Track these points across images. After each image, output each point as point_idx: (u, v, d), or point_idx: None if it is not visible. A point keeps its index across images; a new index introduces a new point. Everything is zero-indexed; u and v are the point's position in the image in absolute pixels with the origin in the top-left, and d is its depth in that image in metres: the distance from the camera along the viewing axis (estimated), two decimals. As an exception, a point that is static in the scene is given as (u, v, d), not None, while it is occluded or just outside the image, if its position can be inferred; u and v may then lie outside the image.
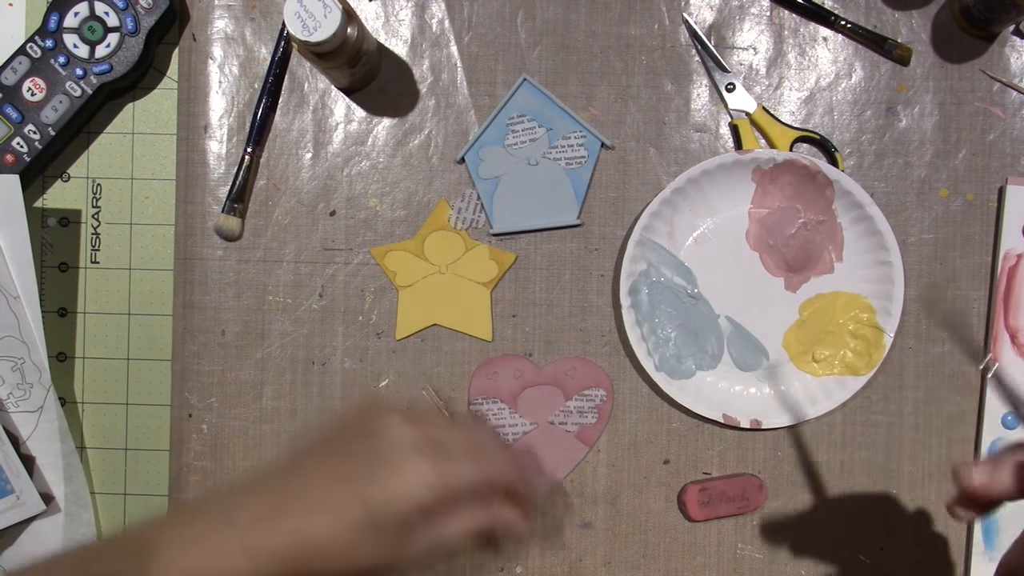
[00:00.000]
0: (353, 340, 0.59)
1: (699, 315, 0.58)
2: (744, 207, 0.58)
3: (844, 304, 0.58)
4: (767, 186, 0.57)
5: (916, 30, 0.58)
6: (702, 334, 0.58)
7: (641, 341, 0.57)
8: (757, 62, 0.58)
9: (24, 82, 0.56)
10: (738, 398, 0.58)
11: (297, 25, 0.48)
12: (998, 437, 0.58)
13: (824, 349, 0.58)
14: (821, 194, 0.57)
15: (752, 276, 0.58)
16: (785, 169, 0.56)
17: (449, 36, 0.59)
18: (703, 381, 0.58)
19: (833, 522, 0.59)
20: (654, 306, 0.57)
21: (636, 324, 0.57)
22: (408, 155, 0.59)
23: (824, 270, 0.58)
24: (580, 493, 0.59)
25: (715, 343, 0.58)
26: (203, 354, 0.59)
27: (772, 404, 0.57)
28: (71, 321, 0.59)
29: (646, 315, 0.57)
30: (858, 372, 0.57)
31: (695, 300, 0.58)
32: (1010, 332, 0.58)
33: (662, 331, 0.58)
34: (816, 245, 0.58)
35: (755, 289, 0.58)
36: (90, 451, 0.59)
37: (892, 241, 0.56)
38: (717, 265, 0.58)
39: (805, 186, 0.57)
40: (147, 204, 0.59)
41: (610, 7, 0.58)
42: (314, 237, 0.59)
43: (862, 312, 0.57)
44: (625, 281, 0.56)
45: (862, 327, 0.57)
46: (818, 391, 0.57)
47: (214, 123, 0.58)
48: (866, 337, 0.57)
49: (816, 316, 0.58)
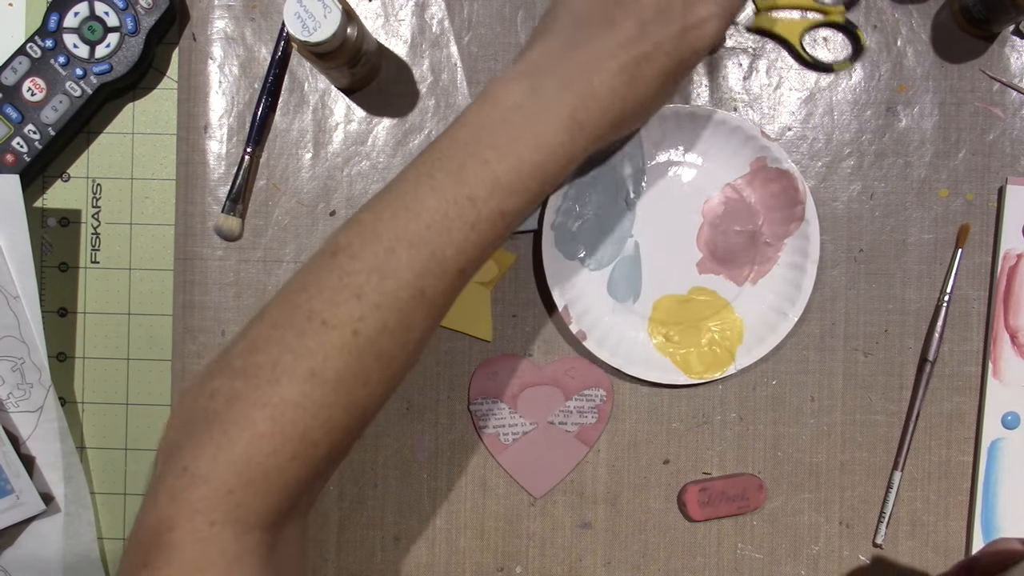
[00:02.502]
0: (353, 340, 0.59)
1: (617, 221, 0.58)
2: (728, 179, 0.58)
3: (725, 316, 0.58)
4: (757, 177, 0.57)
5: (916, 30, 0.58)
6: (605, 237, 0.58)
7: (560, 197, 0.56)
8: (757, 62, 0.58)
9: (24, 82, 0.56)
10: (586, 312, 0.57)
11: (297, 25, 0.48)
12: (998, 437, 0.58)
13: (678, 335, 0.58)
14: (788, 223, 0.57)
15: (682, 235, 0.58)
16: (782, 177, 0.56)
17: (449, 36, 0.59)
18: (576, 272, 0.57)
19: (833, 522, 0.59)
20: (594, 180, 0.57)
21: (569, 184, 0.56)
22: (408, 155, 0.59)
23: (735, 279, 0.58)
24: (580, 493, 0.59)
25: (609, 253, 0.58)
26: (203, 354, 0.59)
27: (603, 333, 0.57)
28: (71, 321, 0.59)
29: (581, 184, 0.57)
30: (688, 372, 0.57)
31: (626, 207, 0.58)
32: (1010, 332, 0.58)
33: (581, 206, 0.57)
34: (745, 256, 0.58)
35: (675, 246, 0.58)
36: (90, 451, 0.59)
37: (801, 304, 0.56)
38: (667, 202, 0.58)
39: (784, 205, 0.57)
40: (147, 204, 0.59)
41: (610, 7, 0.58)
42: (314, 237, 0.59)
43: (733, 333, 0.58)
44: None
45: (721, 344, 0.57)
46: (643, 357, 0.57)
47: (214, 123, 0.59)
48: (716, 354, 0.57)
49: (697, 305, 0.58)
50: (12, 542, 0.58)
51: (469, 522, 0.59)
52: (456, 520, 0.59)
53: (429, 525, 0.59)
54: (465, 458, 0.59)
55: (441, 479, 0.59)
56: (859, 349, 0.59)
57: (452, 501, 0.59)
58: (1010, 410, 0.58)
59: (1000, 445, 0.58)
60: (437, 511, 0.59)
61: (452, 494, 0.59)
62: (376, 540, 0.59)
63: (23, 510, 0.56)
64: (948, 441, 0.59)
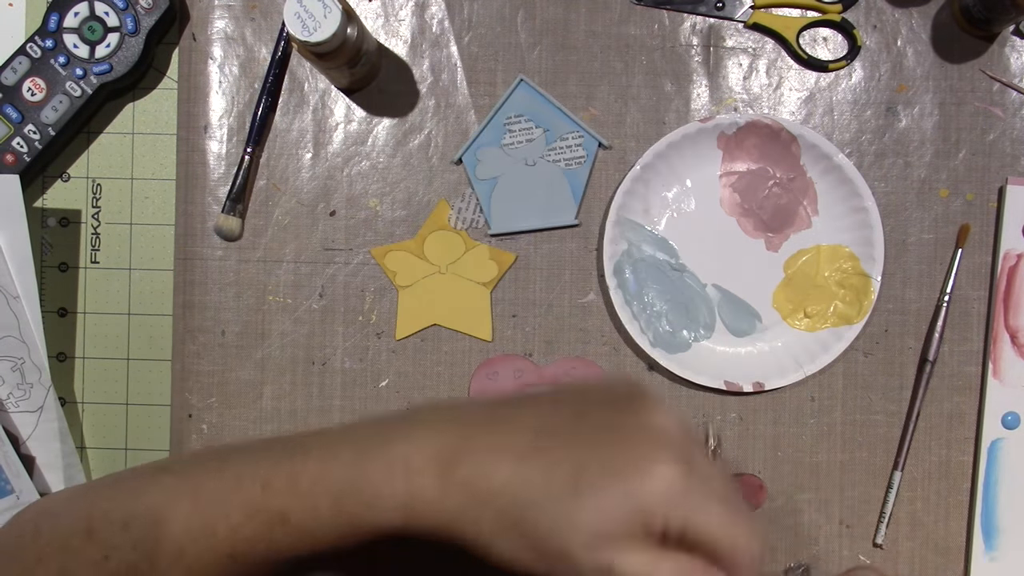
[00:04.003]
0: (353, 340, 0.59)
1: (686, 287, 0.58)
2: (715, 174, 0.58)
3: (827, 256, 0.58)
4: (734, 151, 0.57)
5: (916, 30, 0.58)
6: (692, 305, 0.58)
7: (633, 320, 0.57)
8: (757, 62, 0.58)
9: (24, 82, 0.56)
10: (737, 364, 0.58)
11: (297, 25, 0.48)
12: (998, 437, 0.58)
13: (814, 304, 0.58)
14: (788, 151, 0.57)
15: (732, 241, 0.58)
16: (749, 131, 0.56)
17: (449, 36, 0.59)
18: (700, 351, 0.58)
19: (833, 522, 0.59)
20: (640, 284, 0.58)
21: (625, 304, 0.57)
22: (408, 155, 0.59)
23: (802, 226, 0.58)
24: (580, 493, 0.59)
25: (706, 312, 0.58)
26: (203, 354, 0.59)
27: (772, 365, 0.57)
28: (71, 321, 0.59)
29: (634, 293, 0.57)
30: (851, 321, 0.57)
31: (680, 272, 0.58)
32: (1010, 332, 0.58)
33: (652, 308, 0.58)
34: (790, 202, 0.58)
35: (737, 254, 0.58)
36: (90, 451, 0.59)
37: (864, 187, 0.56)
38: (697, 235, 0.58)
39: (771, 146, 0.57)
40: (147, 204, 0.59)
41: (610, 7, 0.58)
42: (314, 237, 0.59)
43: (846, 262, 0.58)
44: (608, 263, 0.56)
45: (848, 276, 0.57)
46: (815, 346, 0.57)
47: (214, 123, 0.58)
48: (854, 285, 0.57)
49: (801, 272, 0.58)
50: (12, 542, 0.58)
51: (469, 522, 0.59)
52: (456, 520, 0.59)
53: (429, 525, 0.58)
54: (465, 458, 0.59)
55: (441, 479, 0.59)
56: (859, 349, 0.59)
57: (452, 501, 0.58)
58: (1010, 410, 0.58)
59: (1000, 445, 0.58)
60: (437, 511, 0.59)
61: (452, 494, 0.59)
62: (376, 540, 0.58)
63: (23, 510, 0.56)
64: (948, 441, 0.59)
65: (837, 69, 0.58)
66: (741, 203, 0.58)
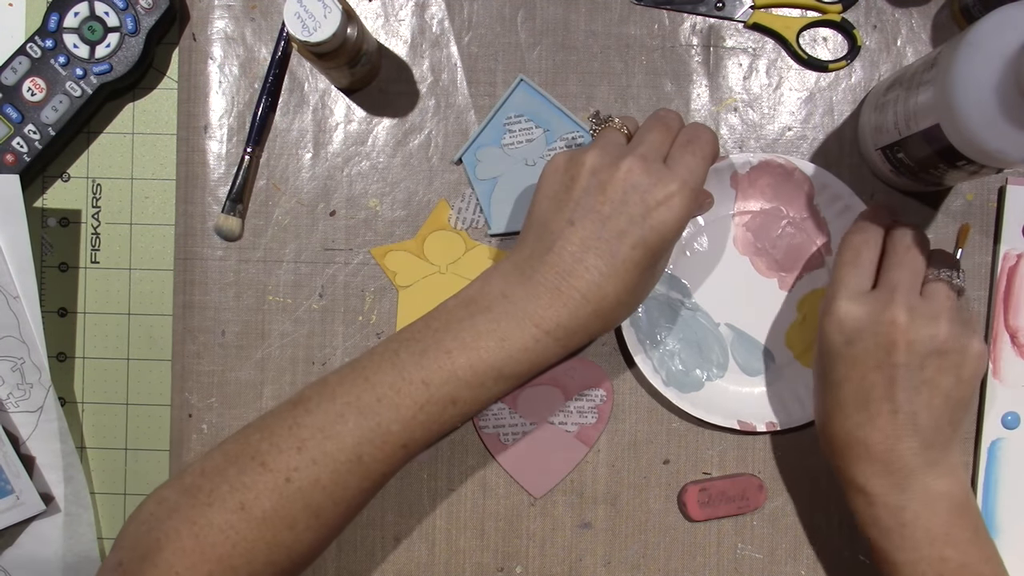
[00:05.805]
0: (353, 340, 0.59)
1: (699, 326, 0.58)
2: (728, 213, 0.58)
3: None
4: (747, 190, 0.57)
5: (916, 30, 0.58)
6: (705, 344, 0.58)
7: (646, 359, 0.57)
8: (757, 62, 0.58)
9: (24, 82, 0.56)
10: (750, 403, 0.58)
11: (297, 25, 0.48)
12: (998, 437, 0.58)
13: None
14: (801, 191, 0.57)
15: (746, 281, 0.58)
16: (762, 171, 0.56)
17: (449, 36, 0.59)
18: (713, 391, 0.58)
19: (833, 522, 0.59)
20: (653, 323, 0.57)
21: (638, 342, 0.57)
22: (408, 155, 0.59)
23: (815, 265, 0.58)
24: (580, 493, 0.59)
25: (719, 352, 0.58)
26: (203, 354, 0.59)
27: (785, 405, 0.57)
28: (71, 321, 0.59)
29: (646, 332, 0.57)
30: None
31: (693, 311, 0.58)
32: (1010, 332, 0.58)
33: (665, 346, 0.58)
34: (804, 242, 0.58)
35: (751, 293, 0.58)
36: (90, 451, 0.59)
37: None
38: (710, 274, 0.58)
39: (783, 185, 0.57)
40: (147, 204, 0.59)
41: (610, 7, 0.58)
42: (314, 237, 0.59)
43: None
44: None
45: None
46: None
47: (214, 123, 0.59)
48: None
49: (815, 311, 0.58)
50: (12, 542, 0.58)
51: (469, 522, 0.59)
52: (456, 520, 0.59)
53: (429, 525, 0.59)
54: (465, 458, 0.59)
55: (441, 479, 0.59)
56: (859, 349, 0.58)
57: (452, 501, 0.59)
58: (1010, 410, 0.58)
59: (1000, 445, 0.58)
60: (437, 511, 0.59)
61: (452, 494, 0.59)
62: (376, 540, 0.59)
63: (23, 510, 0.56)
64: (948, 441, 0.59)
65: (837, 69, 0.58)
66: (754, 242, 0.58)
